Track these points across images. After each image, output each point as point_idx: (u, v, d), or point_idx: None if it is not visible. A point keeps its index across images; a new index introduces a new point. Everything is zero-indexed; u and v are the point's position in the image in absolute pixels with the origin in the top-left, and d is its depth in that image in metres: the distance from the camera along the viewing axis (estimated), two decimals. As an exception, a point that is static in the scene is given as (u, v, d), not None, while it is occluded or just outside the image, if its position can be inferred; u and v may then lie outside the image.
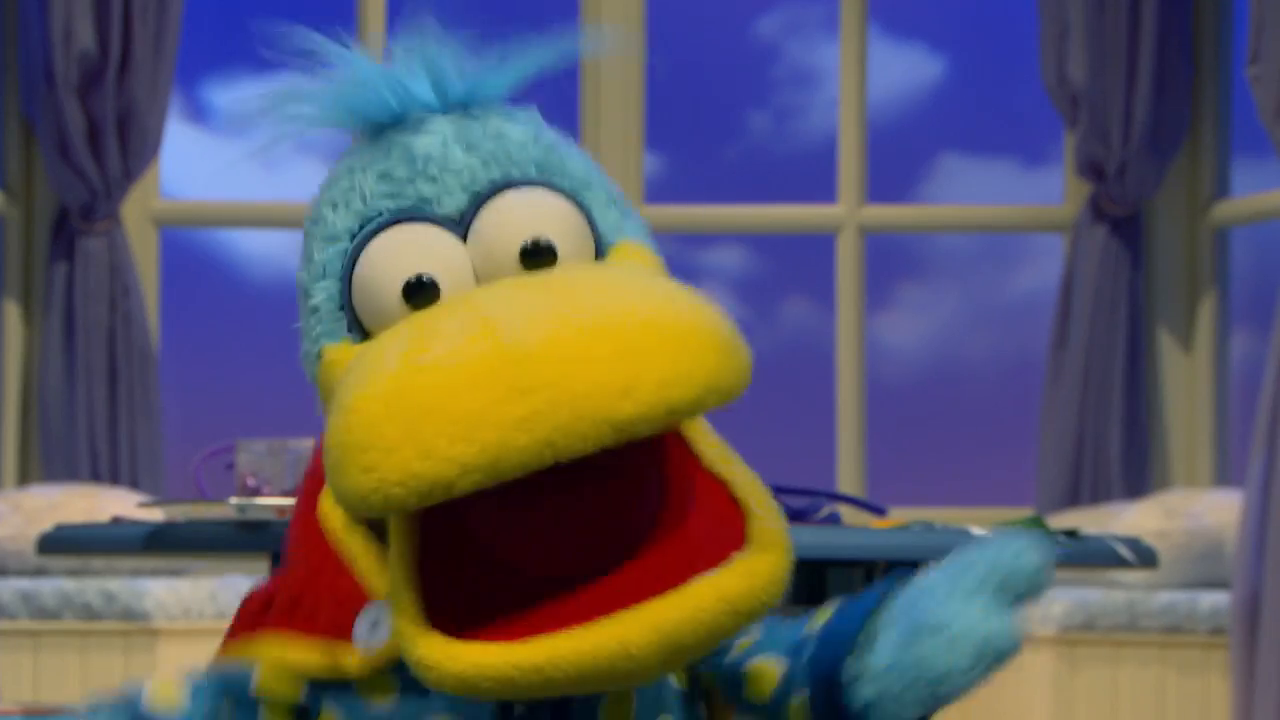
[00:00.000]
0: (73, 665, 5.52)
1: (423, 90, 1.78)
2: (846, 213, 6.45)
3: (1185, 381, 6.25)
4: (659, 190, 6.42)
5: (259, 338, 6.79)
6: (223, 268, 6.76)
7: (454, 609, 1.64)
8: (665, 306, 1.61)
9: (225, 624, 6.18)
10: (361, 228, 1.76)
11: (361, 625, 1.77)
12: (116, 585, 5.56)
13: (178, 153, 6.58)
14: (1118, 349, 6.14)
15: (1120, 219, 6.18)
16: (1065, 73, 6.16)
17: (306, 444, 3.68)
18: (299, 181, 6.79)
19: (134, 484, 6.09)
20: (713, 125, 6.54)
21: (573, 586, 1.63)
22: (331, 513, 1.84)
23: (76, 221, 6.12)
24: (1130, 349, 6.16)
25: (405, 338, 1.65)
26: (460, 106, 1.79)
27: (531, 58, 1.80)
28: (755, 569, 1.63)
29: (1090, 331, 6.14)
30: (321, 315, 1.77)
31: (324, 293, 1.77)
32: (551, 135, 1.81)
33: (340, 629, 1.79)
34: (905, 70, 6.79)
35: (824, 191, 6.48)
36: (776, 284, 6.73)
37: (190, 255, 6.65)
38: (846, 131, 6.45)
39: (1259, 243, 6.21)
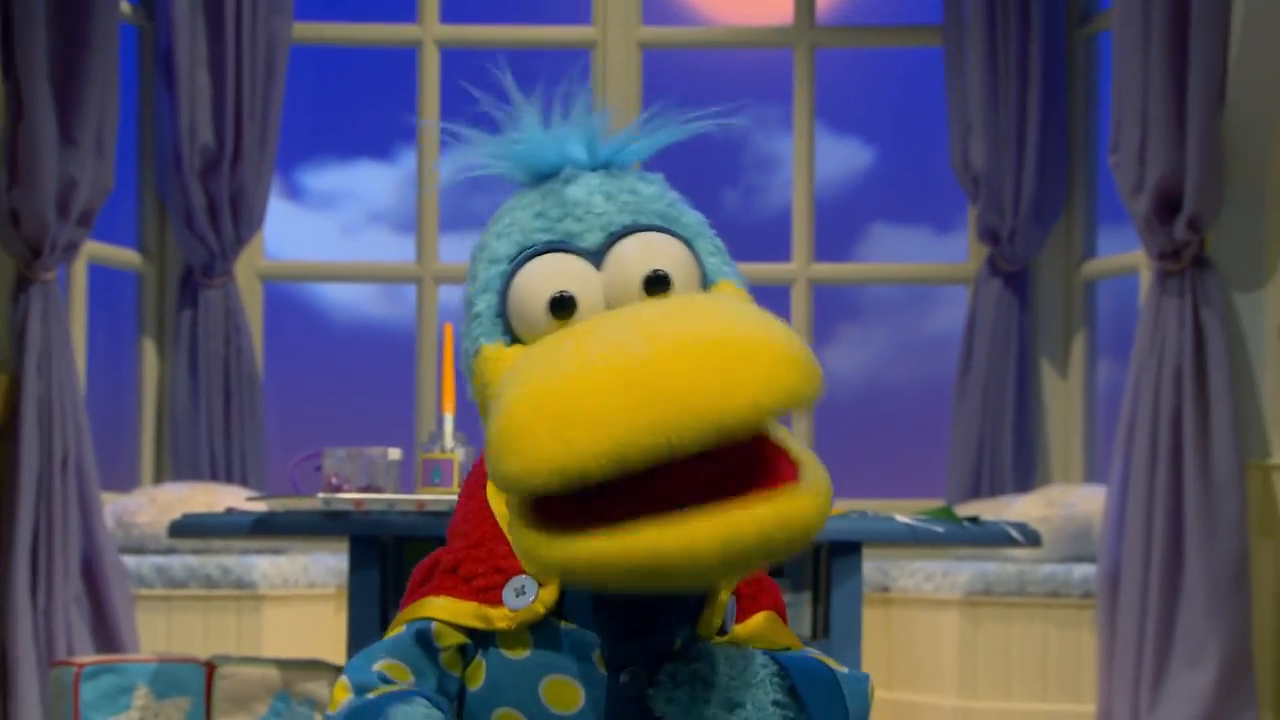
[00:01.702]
0: (196, 624, 5.51)
1: (577, 152, 1.80)
2: (798, 269, 6.45)
3: (1062, 401, 6.25)
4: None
5: (341, 368, 6.78)
6: (312, 313, 6.76)
7: (558, 513, 1.62)
8: (757, 330, 1.61)
9: (316, 591, 6.15)
10: (519, 253, 1.76)
11: (509, 591, 1.77)
12: (230, 561, 5.55)
13: (278, 223, 6.59)
14: (1009, 375, 6.14)
15: (1011, 274, 6.18)
16: (968, 159, 6.16)
17: (378, 451, 3.68)
18: (371, 246, 6.78)
19: (244, 482, 6.09)
20: (693, 200, 6.54)
21: (656, 501, 1.60)
22: (495, 499, 1.84)
23: (199, 277, 6.13)
24: (1019, 375, 6.16)
25: (546, 352, 1.65)
26: (604, 165, 1.81)
27: (664, 133, 1.83)
28: (802, 498, 1.60)
29: (988, 362, 6.14)
30: (482, 320, 1.77)
31: (485, 303, 1.77)
32: (673, 195, 1.83)
33: (490, 592, 1.79)
34: (844, 157, 6.80)
35: (780, 252, 6.48)
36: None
37: (287, 303, 6.65)
38: (798, 205, 6.47)
39: (1119, 293, 6.21)
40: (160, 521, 5.58)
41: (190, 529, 3.74)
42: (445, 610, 1.79)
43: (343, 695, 1.79)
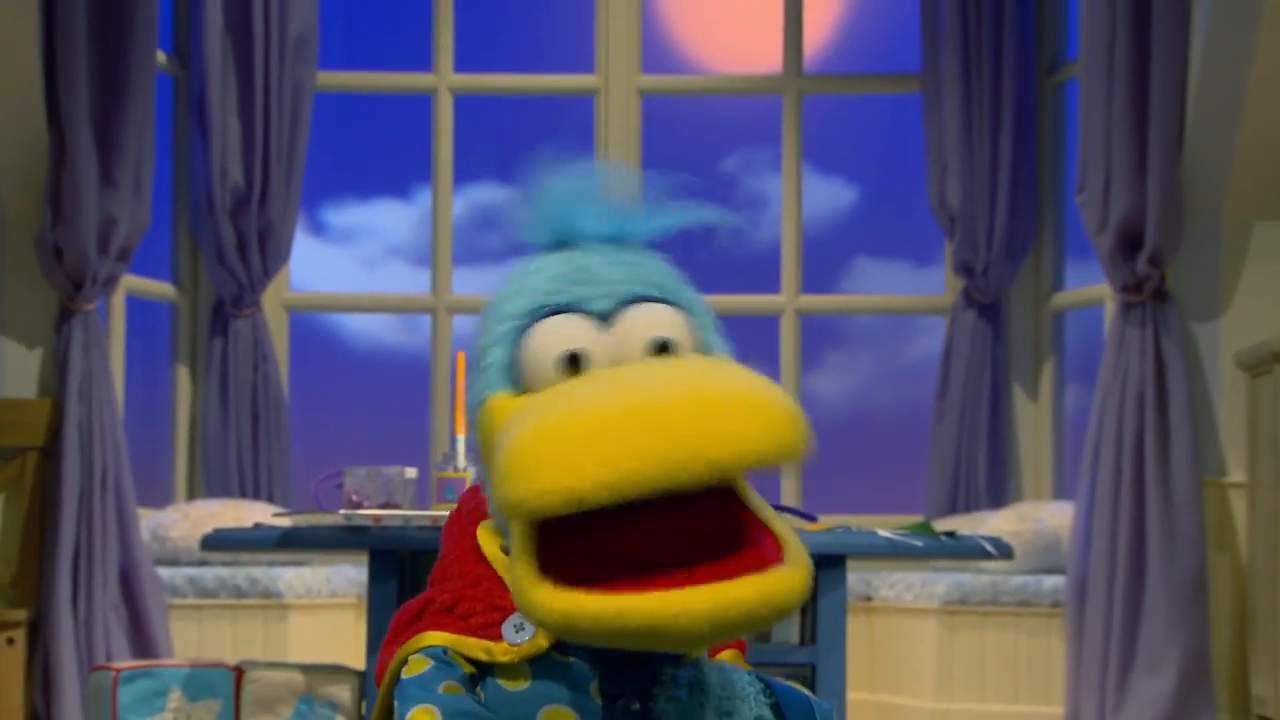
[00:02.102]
0: (226, 631, 5.52)
1: (594, 225, 1.83)
2: (788, 300, 6.47)
3: (1033, 423, 6.26)
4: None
5: (360, 392, 6.79)
6: (334, 342, 6.77)
7: (563, 572, 1.63)
8: (752, 386, 1.65)
9: (338, 601, 6.13)
10: (533, 311, 1.78)
11: (508, 627, 1.78)
12: (258, 572, 5.56)
13: (302, 257, 6.60)
14: (984, 399, 6.15)
15: (985, 305, 6.19)
16: (945, 198, 6.18)
17: (396, 470, 3.69)
18: (389, 279, 6.78)
19: (270, 499, 6.09)
20: (689, 236, 6.53)
21: (655, 569, 1.63)
22: (487, 541, 1.84)
23: (229, 308, 6.14)
24: (993, 399, 6.16)
25: (564, 392, 1.67)
26: (615, 238, 1.84)
27: (671, 218, 1.86)
28: (787, 577, 1.63)
29: (964, 387, 6.15)
30: (491, 372, 1.78)
31: (495, 356, 1.78)
32: (674, 272, 1.86)
33: (490, 629, 1.79)
34: (830, 196, 6.81)
35: (771, 285, 6.49)
36: (737, 355, 6.72)
37: (311, 332, 6.66)
38: (787, 240, 6.48)
39: (1086, 323, 6.21)
40: (193, 535, 5.58)
41: (221, 542, 3.75)
42: (448, 641, 1.79)
43: None
